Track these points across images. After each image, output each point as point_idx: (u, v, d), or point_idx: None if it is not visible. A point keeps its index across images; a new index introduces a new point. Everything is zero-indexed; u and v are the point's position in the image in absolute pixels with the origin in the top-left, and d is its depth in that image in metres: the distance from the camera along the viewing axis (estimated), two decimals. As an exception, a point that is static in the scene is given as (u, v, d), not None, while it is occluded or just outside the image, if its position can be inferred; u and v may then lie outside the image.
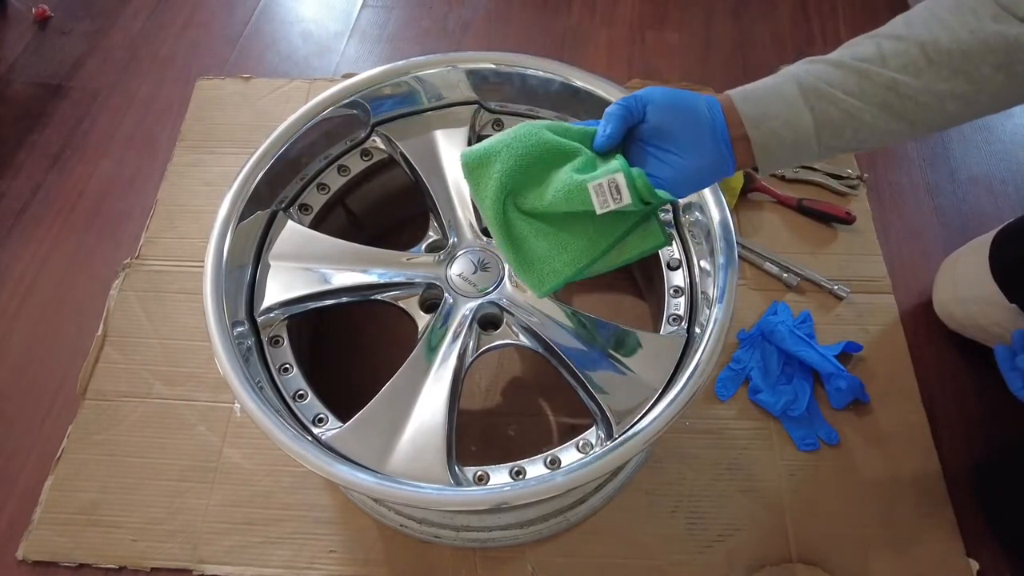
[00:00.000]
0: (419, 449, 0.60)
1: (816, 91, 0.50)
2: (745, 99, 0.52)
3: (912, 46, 0.49)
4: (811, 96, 0.51)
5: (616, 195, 0.51)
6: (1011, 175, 1.02)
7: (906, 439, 0.81)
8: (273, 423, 0.57)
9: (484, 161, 0.56)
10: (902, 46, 0.49)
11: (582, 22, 1.22)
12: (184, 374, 0.85)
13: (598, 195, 0.52)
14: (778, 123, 0.51)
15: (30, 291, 0.93)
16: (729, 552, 0.74)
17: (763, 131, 0.52)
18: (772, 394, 0.82)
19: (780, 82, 0.52)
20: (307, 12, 1.25)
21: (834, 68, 0.51)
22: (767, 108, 0.52)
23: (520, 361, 0.87)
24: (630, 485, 0.78)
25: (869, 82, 0.50)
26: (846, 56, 0.51)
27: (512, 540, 0.73)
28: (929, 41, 0.49)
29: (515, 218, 0.57)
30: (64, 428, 0.82)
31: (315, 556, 0.75)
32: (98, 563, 0.75)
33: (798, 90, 0.51)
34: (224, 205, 0.67)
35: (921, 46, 0.49)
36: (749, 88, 0.53)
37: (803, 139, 0.52)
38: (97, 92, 1.13)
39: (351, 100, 0.74)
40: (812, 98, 0.51)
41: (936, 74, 0.49)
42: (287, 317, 0.69)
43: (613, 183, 0.51)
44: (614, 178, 0.51)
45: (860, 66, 0.50)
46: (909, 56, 0.49)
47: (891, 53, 0.50)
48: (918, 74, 0.49)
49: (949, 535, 0.75)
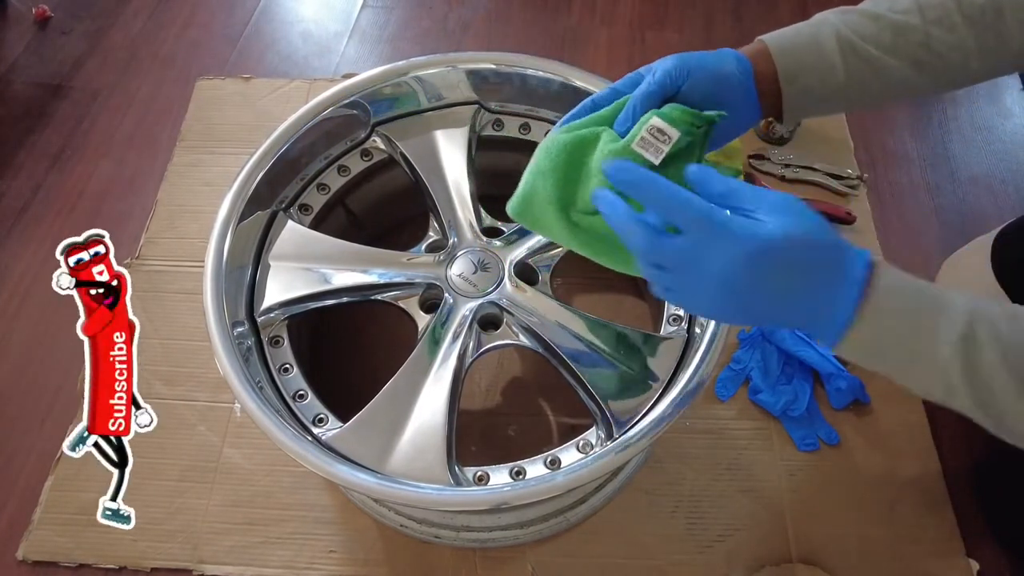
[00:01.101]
0: (419, 449, 0.60)
1: (851, 46, 0.49)
2: (783, 52, 0.50)
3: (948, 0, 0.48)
4: (847, 51, 0.49)
5: (663, 137, 0.46)
6: (1011, 175, 1.02)
7: (906, 439, 0.80)
8: (273, 423, 0.57)
9: (528, 201, 0.53)
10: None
11: (582, 22, 1.22)
12: (184, 374, 0.85)
13: (647, 148, 0.46)
14: (813, 79, 0.50)
15: (30, 291, 0.93)
16: (729, 552, 0.74)
17: (797, 87, 0.50)
18: (772, 394, 0.82)
19: (818, 33, 0.50)
20: (307, 12, 1.25)
21: (871, 21, 0.50)
22: (803, 62, 0.50)
23: (520, 361, 0.87)
24: (630, 485, 0.77)
25: (903, 38, 0.49)
26: (883, 7, 0.50)
27: (512, 540, 0.73)
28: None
29: (585, 224, 0.52)
30: (64, 428, 0.82)
31: (315, 556, 0.75)
32: (98, 563, 0.75)
33: (836, 44, 0.49)
34: (224, 205, 0.67)
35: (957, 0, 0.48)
36: (787, 37, 0.51)
37: (832, 95, 0.51)
38: (97, 92, 1.13)
39: (351, 100, 0.74)
40: (848, 53, 0.49)
41: (969, 29, 0.48)
42: (287, 317, 0.69)
43: (654, 128, 0.46)
44: (652, 123, 0.46)
45: (897, 20, 0.49)
46: (944, 8, 0.48)
47: (927, 4, 0.49)
48: (952, 28, 0.48)
49: (949, 535, 0.75)
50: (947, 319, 0.37)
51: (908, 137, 1.07)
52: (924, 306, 0.38)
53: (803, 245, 0.38)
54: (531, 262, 0.73)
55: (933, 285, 0.39)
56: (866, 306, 0.38)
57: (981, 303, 0.38)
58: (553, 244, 0.73)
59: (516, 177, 0.87)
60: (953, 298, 0.38)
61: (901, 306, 0.38)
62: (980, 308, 0.37)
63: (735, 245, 0.37)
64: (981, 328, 0.37)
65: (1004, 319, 0.37)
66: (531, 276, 0.73)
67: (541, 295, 0.69)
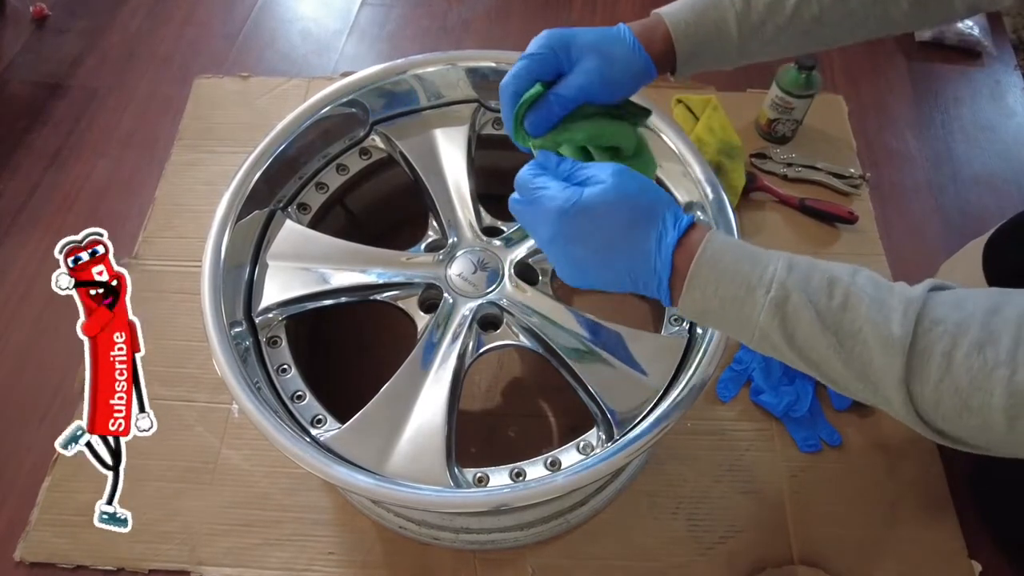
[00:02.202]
0: (418, 450, 0.60)
1: (751, 27, 0.53)
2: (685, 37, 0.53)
3: None
4: (745, 31, 0.53)
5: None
6: (1014, 175, 1.02)
7: (908, 440, 0.80)
8: (271, 424, 0.57)
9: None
10: None
11: (583, 20, 1.21)
12: (182, 375, 0.85)
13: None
14: (709, 57, 0.54)
15: (28, 291, 0.93)
16: (731, 554, 0.74)
17: (693, 65, 0.54)
18: (774, 395, 0.81)
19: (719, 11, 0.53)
20: (306, 10, 1.24)
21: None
22: (702, 42, 0.53)
23: (520, 362, 0.87)
24: (631, 487, 0.77)
25: (799, 17, 0.52)
26: None
27: (512, 542, 0.73)
28: None
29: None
30: (63, 428, 0.81)
31: (314, 558, 0.74)
32: (96, 564, 0.74)
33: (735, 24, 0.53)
34: (222, 204, 0.67)
35: None
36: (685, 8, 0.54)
37: (724, 42, 0.53)
38: (95, 91, 1.12)
39: (350, 99, 0.74)
40: (744, 31, 0.53)
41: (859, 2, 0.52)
42: (285, 317, 0.69)
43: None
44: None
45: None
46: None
47: None
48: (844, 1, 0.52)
49: (951, 536, 0.75)
50: (763, 288, 0.41)
51: (910, 136, 1.06)
52: (742, 276, 0.42)
53: (618, 202, 0.43)
54: (531, 262, 0.72)
55: (755, 252, 0.43)
56: (690, 274, 0.42)
57: (794, 272, 0.41)
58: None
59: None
60: (768, 265, 0.42)
61: (720, 275, 0.42)
62: (791, 281, 0.41)
63: (551, 203, 0.44)
64: (793, 297, 0.40)
65: (817, 285, 0.40)
66: (531, 276, 0.72)
67: (541, 295, 0.69)
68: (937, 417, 0.38)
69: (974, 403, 0.36)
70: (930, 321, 0.37)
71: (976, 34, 1.13)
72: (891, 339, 0.37)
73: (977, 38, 1.13)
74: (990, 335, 0.35)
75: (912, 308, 0.37)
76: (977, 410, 0.36)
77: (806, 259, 0.42)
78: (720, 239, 0.43)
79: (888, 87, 1.12)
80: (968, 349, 0.36)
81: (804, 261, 0.42)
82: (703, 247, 0.43)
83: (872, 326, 0.38)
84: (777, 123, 1.01)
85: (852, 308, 0.39)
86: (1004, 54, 1.15)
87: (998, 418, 0.35)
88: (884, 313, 0.38)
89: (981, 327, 0.36)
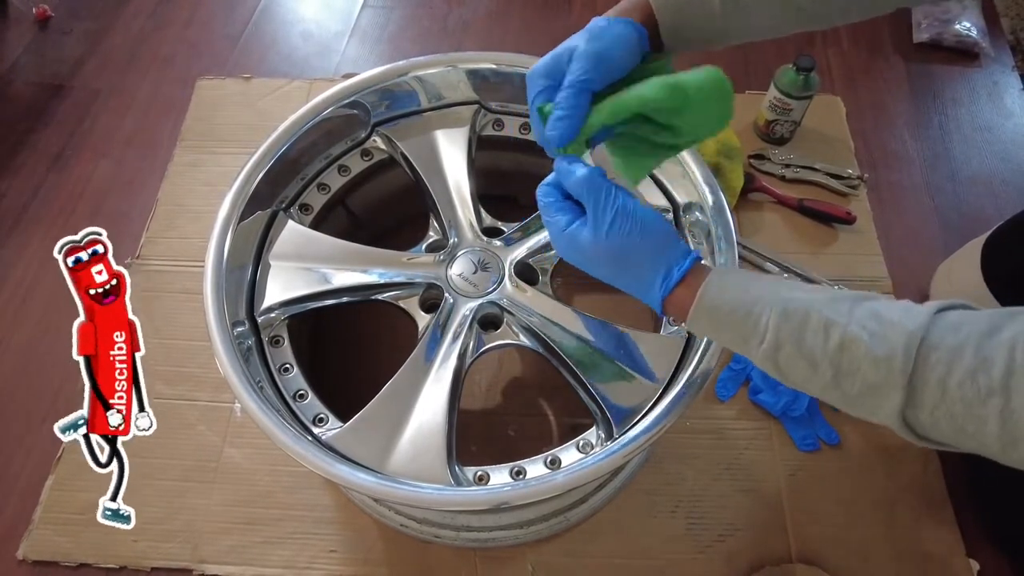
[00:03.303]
0: (419, 449, 0.60)
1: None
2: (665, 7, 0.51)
3: None
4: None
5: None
6: (1012, 175, 1.02)
7: (907, 439, 0.80)
8: (273, 423, 0.57)
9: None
10: None
11: (583, 21, 1.20)
12: (184, 374, 0.85)
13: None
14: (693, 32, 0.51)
15: (31, 291, 0.93)
16: (729, 552, 0.74)
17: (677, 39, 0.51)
18: (772, 394, 0.82)
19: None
20: (308, 12, 1.25)
21: None
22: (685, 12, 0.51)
23: (520, 361, 0.87)
24: (630, 485, 0.77)
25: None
26: None
27: (512, 540, 0.73)
28: None
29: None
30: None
31: (315, 556, 0.75)
32: (98, 563, 0.75)
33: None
34: (224, 205, 0.67)
35: None
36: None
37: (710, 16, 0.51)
38: (98, 92, 1.13)
39: (351, 100, 0.74)
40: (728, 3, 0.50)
41: None
42: (287, 317, 0.69)
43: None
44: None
45: None
46: None
47: None
48: None
49: (949, 535, 0.75)
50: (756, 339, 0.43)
51: (908, 137, 1.06)
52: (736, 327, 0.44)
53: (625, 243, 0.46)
54: (531, 262, 0.73)
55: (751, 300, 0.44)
56: (689, 319, 0.46)
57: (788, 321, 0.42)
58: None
59: (516, 177, 0.88)
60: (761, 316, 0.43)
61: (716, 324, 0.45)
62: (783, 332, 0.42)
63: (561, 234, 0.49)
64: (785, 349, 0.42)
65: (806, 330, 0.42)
66: (531, 276, 0.73)
67: (541, 295, 0.69)
68: (934, 436, 0.39)
69: (969, 429, 0.36)
70: (928, 347, 0.37)
71: (974, 35, 1.14)
72: (890, 376, 0.38)
73: (975, 39, 1.14)
74: (983, 361, 0.35)
75: (913, 342, 0.37)
76: (972, 435, 0.36)
77: (804, 301, 0.42)
78: (715, 287, 0.45)
79: (886, 88, 1.12)
80: (961, 377, 0.36)
81: (800, 305, 0.42)
82: (699, 296, 0.45)
83: (871, 365, 0.39)
84: (775, 124, 1.01)
85: (849, 349, 0.40)
86: (1002, 55, 1.16)
87: (992, 443, 0.36)
88: (884, 350, 0.38)
89: (975, 352, 0.36)
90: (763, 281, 0.45)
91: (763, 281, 0.45)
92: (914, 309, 0.39)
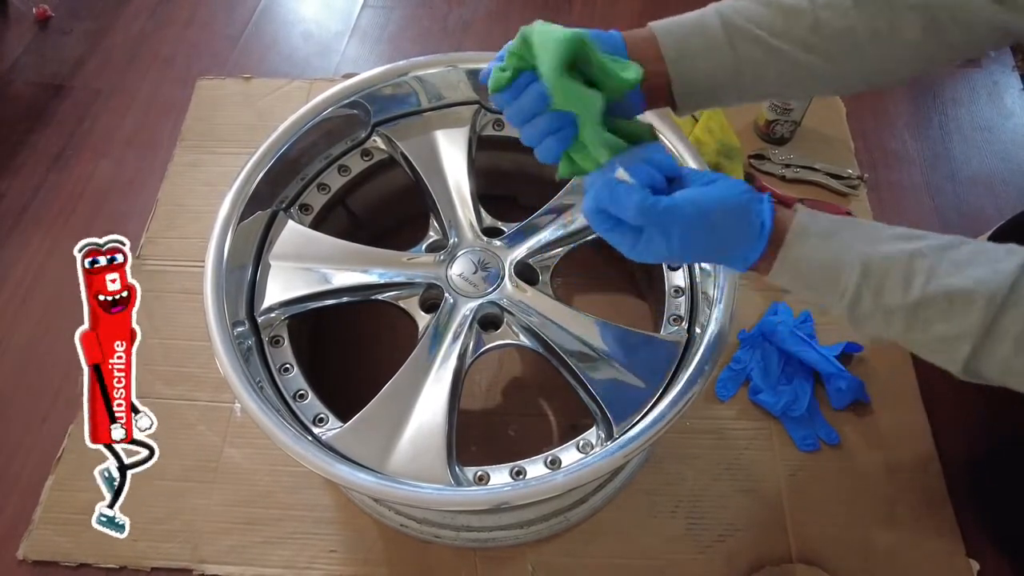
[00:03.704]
0: (419, 449, 0.60)
1: (739, 30, 0.49)
2: (668, 33, 0.51)
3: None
4: (735, 36, 0.49)
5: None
6: (1012, 175, 1.02)
7: (907, 439, 0.80)
8: (273, 423, 0.57)
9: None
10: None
11: (583, 21, 1.22)
12: (184, 374, 0.85)
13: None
14: (700, 61, 0.50)
15: (31, 291, 0.93)
16: (729, 552, 0.74)
17: (683, 68, 0.50)
18: (772, 394, 0.82)
19: (704, 18, 0.50)
20: (308, 12, 1.25)
21: (761, 6, 0.50)
22: (688, 45, 0.50)
23: (520, 361, 0.87)
24: (630, 485, 0.77)
25: (793, 21, 0.49)
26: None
27: (512, 540, 0.73)
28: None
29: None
30: (64, 428, 0.82)
31: (315, 556, 0.75)
32: (98, 563, 0.75)
33: (721, 27, 0.49)
34: (225, 205, 0.67)
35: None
36: (673, 21, 0.51)
37: (725, 79, 0.50)
38: (98, 92, 1.13)
39: (351, 100, 0.74)
40: (736, 38, 0.49)
41: (859, 13, 0.49)
42: (287, 317, 0.69)
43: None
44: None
45: (786, 4, 0.49)
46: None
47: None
48: (844, 14, 0.49)
49: (950, 535, 0.75)
50: (836, 295, 0.45)
51: (908, 137, 1.06)
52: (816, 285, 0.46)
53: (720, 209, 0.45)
54: (531, 262, 0.73)
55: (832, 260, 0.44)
56: (772, 274, 0.47)
57: (868, 278, 0.43)
58: (553, 244, 0.73)
59: (516, 177, 0.87)
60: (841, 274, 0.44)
61: (798, 279, 0.46)
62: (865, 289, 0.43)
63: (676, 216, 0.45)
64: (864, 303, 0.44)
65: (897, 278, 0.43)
66: (531, 276, 0.73)
67: (541, 295, 0.69)
68: (996, 380, 0.42)
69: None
70: (1009, 304, 0.39)
71: (974, 35, 1.14)
72: (964, 330, 0.40)
73: (975, 39, 1.13)
74: None
75: (994, 301, 0.39)
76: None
77: (885, 256, 0.43)
78: (796, 247, 0.45)
79: (887, 86, 1.12)
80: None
81: (880, 262, 0.43)
82: (780, 257, 0.45)
83: (944, 320, 0.41)
84: (776, 124, 1.01)
85: (926, 306, 0.41)
86: (1002, 55, 1.16)
87: None
88: (962, 306, 0.40)
89: None
90: (843, 233, 0.45)
91: (843, 233, 0.45)
92: (1001, 263, 0.41)
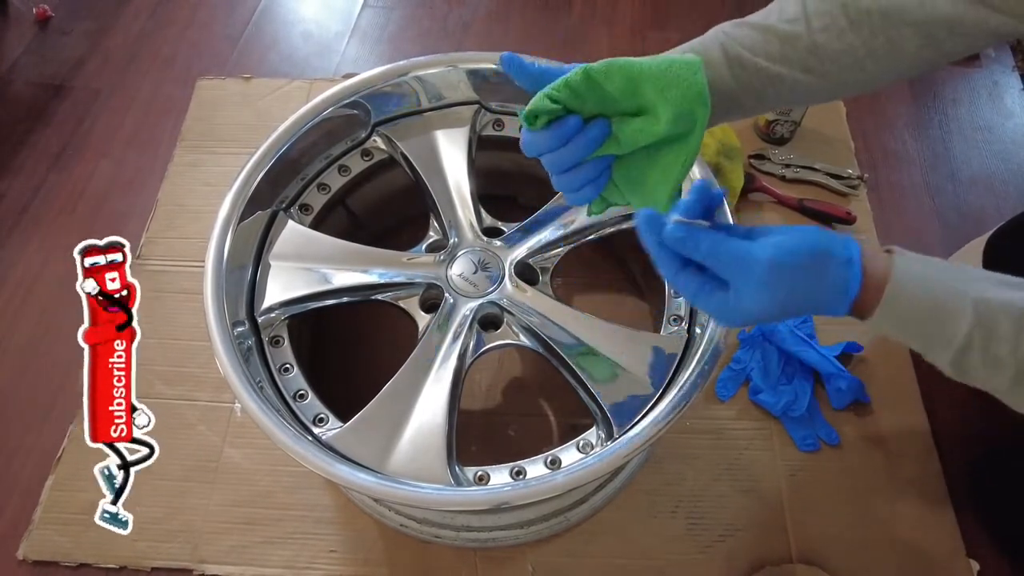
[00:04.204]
0: (419, 449, 0.60)
1: (739, 59, 0.50)
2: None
3: (835, 6, 0.49)
4: (735, 65, 0.50)
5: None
6: (1012, 175, 1.02)
7: (907, 439, 0.80)
8: (273, 423, 0.57)
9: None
10: (825, 6, 0.49)
11: (583, 22, 1.22)
12: (184, 374, 0.85)
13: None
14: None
15: (31, 291, 0.93)
16: (729, 552, 0.74)
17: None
18: (772, 394, 0.82)
19: (708, 51, 0.51)
20: (308, 12, 1.25)
21: (759, 33, 0.50)
22: None
23: (520, 361, 0.87)
24: (630, 485, 0.77)
25: (791, 46, 0.50)
26: (772, 17, 0.51)
27: (512, 540, 0.73)
28: (850, 1, 0.49)
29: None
30: (64, 428, 0.82)
31: (315, 556, 0.75)
32: (99, 563, 0.75)
33: (723, 57, 0.50)
34: (225, 205, 0.67)
35: (843, 6, 0.49)
36: (676, 51, 0.52)
37: (727, 102, 0.51)
38: (98, 92, 1.13)
39: (351, 100, 0.74)
40: (736, 67, 0.50)
41: (856, 34, 0.49)
42: (287, 317, 0.69)
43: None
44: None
45: (784, 29, 0.50)
46: (831, 15, 0.49)
47: (814, 12, 0.49)
48: (840, 35, 0.49)
49: (949, 535, 0.75)
50: (941, 346, 0.43)
51: (909, 137, 1.07)
52: (922, 335, 0.44)
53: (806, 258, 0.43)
54: (531, 262, 0.73)
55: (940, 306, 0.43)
56: (872, 323, 0.44)
57: (978, 329, 0.41)
58: (553, 244, 0.73)
59: (516, 177, 0.87)
60: (947, 323, 0.42)
61: (902, 328, 0.44)
62: (975, 337, 0.42)
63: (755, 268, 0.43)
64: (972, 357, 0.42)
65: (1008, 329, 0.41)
66: (531, 276, 0.73)
67: (541, 295, 0.70)
68: None
69: None
70: None
71: (974, 36, 1.14)
72: None
73: (975, 40, 1.14)
74: None
75: None
76: None
77: (996, 304, 0.41)
78: (898, 291, 0.43)
79: (886, 88, 1.12)
80: None
81: (991, 310, 0.41)
82: (882, 303, 0.43)
83: None
84: (776, 124, 1.01)
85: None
86: (1002, 55, 1.16)
87: None
88: None
89: None
90: (947, 277, 0.43)
91: (947, 277, 0.43)
92: None
